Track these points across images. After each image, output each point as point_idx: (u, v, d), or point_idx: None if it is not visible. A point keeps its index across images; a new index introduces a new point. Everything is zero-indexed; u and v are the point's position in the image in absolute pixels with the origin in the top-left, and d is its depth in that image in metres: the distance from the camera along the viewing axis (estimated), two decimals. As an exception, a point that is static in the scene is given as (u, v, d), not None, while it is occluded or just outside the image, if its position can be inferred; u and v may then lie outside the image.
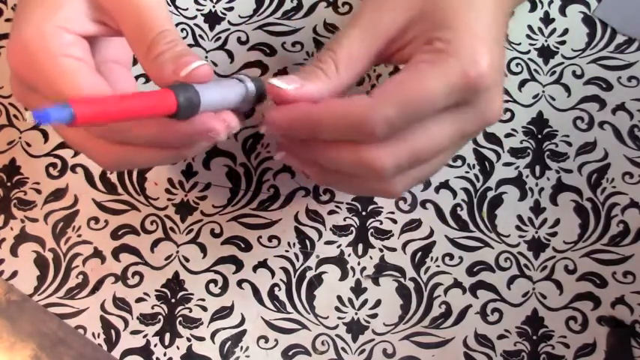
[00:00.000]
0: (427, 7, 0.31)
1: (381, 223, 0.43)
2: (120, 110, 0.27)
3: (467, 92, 0.30)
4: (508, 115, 0.45)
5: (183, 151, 0.33)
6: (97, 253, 0.43)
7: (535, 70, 0.45)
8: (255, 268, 0.43)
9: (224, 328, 0.42)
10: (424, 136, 0.31)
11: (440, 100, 0.30)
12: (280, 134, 0.33)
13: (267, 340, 0.42)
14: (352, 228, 0.43)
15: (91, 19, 0.33)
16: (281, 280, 0.42)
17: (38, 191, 0.44)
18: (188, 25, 0.46)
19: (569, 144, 0.44)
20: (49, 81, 0.31)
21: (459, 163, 0.44)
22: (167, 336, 0.42)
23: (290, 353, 0.41)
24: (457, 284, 0.42)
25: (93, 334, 0.42)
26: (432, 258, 0.42)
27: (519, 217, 0.43)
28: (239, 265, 0.43)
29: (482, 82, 0.30)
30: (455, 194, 0.43)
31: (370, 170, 0.31)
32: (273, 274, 0.42)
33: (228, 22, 0.46)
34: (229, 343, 0.42)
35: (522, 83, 0.45)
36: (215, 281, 0.43)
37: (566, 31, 0.46)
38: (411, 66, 0.30)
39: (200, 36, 0.46)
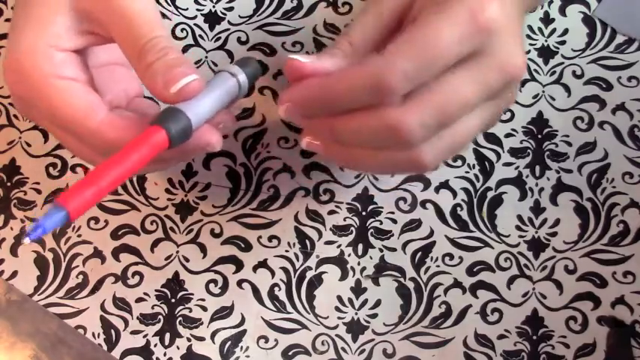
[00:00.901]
0: None
1: (381, 223, 0.43)
2: (113, 180, 0.26)
3: (479, 37, 0.29)
4: (508, 115, 0.44)
5: (180, 162, 0.34)
6: (97, 253, 0.43)
7: (535, 70, 0.45)
8: (255, 268, 0.43)
9: (224, 328, 0.42)
10: (446, 90, 0.30)
11: (453, 47, 0.29)
12: (299, 114, 0.32)
13: (267, 340, 0.42)
14: (352, 228, 0.43)
15: (80, 32, 0.33)
16: (281, 280, 0.42)
17: (38, 191, 0.44)
18: (188, 25, 0.46)
19: (569, 144, 0.44)
20: (43, 101, 0.32)
21: (459, 163, 0.44)
22: (167, 336, 0.42)
23: (290, 353, 0.41)
24: (457, 284, 0.42)
25: (93, 334, 0.42)
26: (432, 258, 0.42)
27: (519, 217, 0.43)
28: (239, 265, 0.43)
29: (492, 26, 0.29)
30: (455, 194, 0.43)
31: (395, 133, 0.30)
32: (273, 274, 0.42)
33: (228, 22, 0.46)
34: (229, 343, 0.42)
35: (522, 83, 0.45)
36: (215, 281, 0.43)
37: (566, 31, 0.46)
38: (419, 20, 0.30)
39: (200, 36, 0.46)
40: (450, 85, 0.30)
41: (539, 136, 0.44)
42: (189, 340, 0.42)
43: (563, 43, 0.46)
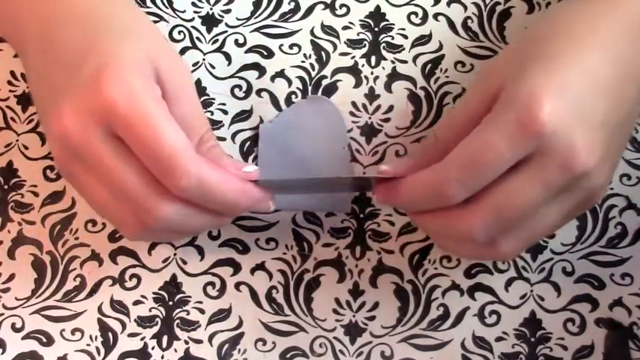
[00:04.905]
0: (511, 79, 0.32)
1: (379, 225, 0.43)
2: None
3: (531, 142, 0.30)
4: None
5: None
6: (95, 256, 0.43)
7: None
8: (252, 271, 0.43)
9: (222, 331, 0.42)
10: (505, 191, 0.31)
11: (503, 154, 0.30)
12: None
13: (264, 343, 0.42)
14: (350, 230, 0.43)
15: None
16: (279, 282, 0.42)
17: (35, 194, 0.44)
18: (185, 27, 0.46)
19: (567, 146, 0.44)
20: (147, 126, 0.32)
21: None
22: (165, 339, 0.42)
23: (288, 356, 0.41)
24: (455, 286, 0.42)
25: (90, 337, 0.42)
26: (429, 260, 0.42)
27: (517, 219, 0.43)
28: (237, 268, 0.43)
29: (543, 129, 0.30)
30: (452, 196, 0.43)
31: (463, 235, 0.32)
32: (270, 276, 0.42)
33: (226, 24, 0.46)
34: (227, 345, 0.42)
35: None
36: (213, 284, 0.42)
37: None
38: (478, 127, 0.32)
39: (197, 38, 0.46)
40: (509, 186, 0.31)
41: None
42: (186, 342, 0.42)
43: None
